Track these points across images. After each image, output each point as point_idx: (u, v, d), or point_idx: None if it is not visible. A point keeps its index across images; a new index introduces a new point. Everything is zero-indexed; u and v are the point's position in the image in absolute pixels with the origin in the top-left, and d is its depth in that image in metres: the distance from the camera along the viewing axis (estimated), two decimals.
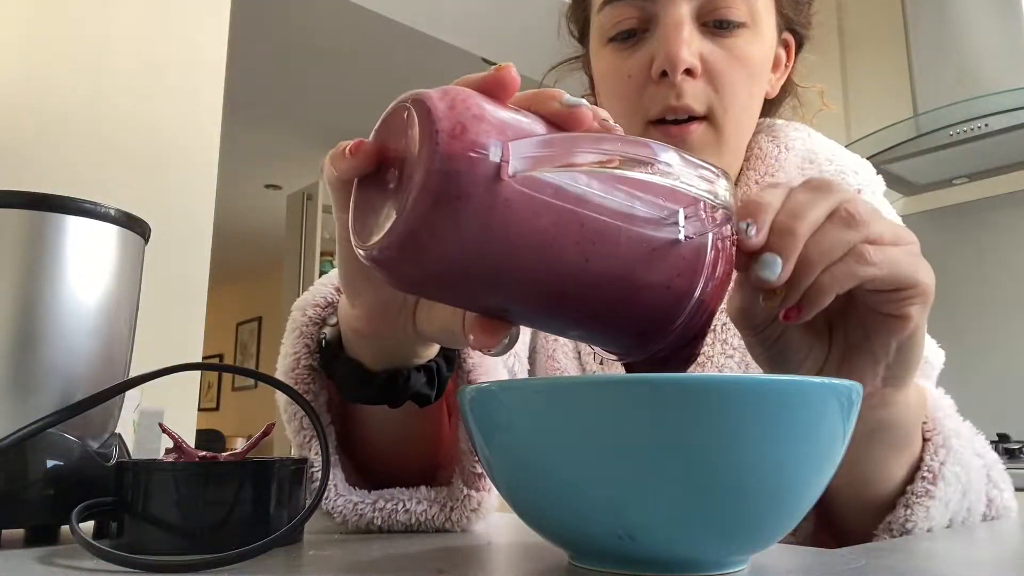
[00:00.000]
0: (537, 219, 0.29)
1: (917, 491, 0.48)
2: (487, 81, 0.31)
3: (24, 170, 1.46)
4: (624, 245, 0.31)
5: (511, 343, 0.34)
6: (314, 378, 0.50)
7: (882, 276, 0.37)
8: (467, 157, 0.28)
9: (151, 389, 0.50)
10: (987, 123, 1.92)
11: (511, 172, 0.28)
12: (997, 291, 2.13)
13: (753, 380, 0.29)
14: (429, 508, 0.49)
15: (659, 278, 0.32)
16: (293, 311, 0.51)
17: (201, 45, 1.72)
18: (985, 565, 0.40)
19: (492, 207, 0.28)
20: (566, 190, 0.29)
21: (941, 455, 0.48)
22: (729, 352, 0.65)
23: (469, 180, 0.28)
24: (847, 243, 0.37)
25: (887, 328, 0.40)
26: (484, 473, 0.49)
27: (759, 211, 0.37)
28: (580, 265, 0.30)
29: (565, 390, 0.30)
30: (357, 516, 0.49)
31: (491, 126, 0.29)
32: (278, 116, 4.11)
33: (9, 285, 0.42)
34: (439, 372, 0.47)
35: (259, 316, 6.72)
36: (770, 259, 0.36)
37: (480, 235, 0.29)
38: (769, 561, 0.36)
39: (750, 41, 0.63)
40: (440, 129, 0.28)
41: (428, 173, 0.28)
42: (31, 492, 0.40)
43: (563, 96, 0.31)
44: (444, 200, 0.28)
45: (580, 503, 0.30)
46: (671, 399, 0.28)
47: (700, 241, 0.32)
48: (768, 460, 0.29)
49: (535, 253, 0.30)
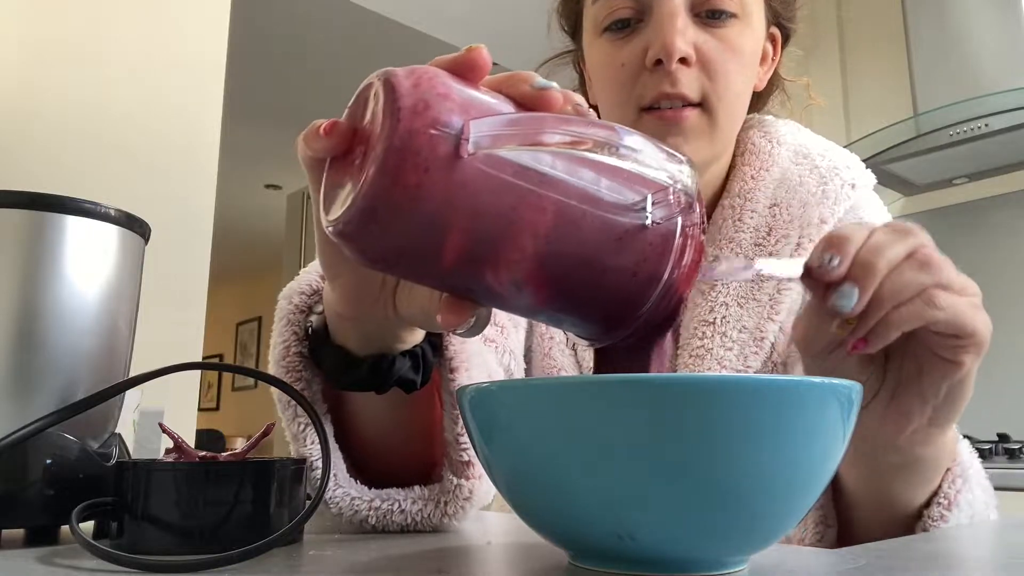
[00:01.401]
0: (497, 198, 0.29)
1: (932, 515, 0.50)
2: (458, 62, 0.31)
3: (24, 170, 1.46)
4: (587, 228, 0.31)
5: (479, 325, 0.34)
6: (305, 365, 0.50)
7: (946, 321, 0.39)
8: (427, 134, 0.28)
9: (151, 389, 0.50)
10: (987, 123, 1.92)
11: (471, 150, 0.28)
12: (997, 291, 2.13)
13: (753, 380, 0.29)
14: (424, 507, 0.49)
15: (624, 263, 0.32)
16: (280, 300, 0.52)
17: (201, 45, 1.72)
18: (985, 565, 0.40)
19: (451, 185, 0.28)
20: (528, 170, 0.29)
21: (958, 484, 0.50)
22: (728, 345, 0.65)
23: (429, 156, 0.28)
24: (920, 285, 0.39)
25: (940, 371, 0.42)
26: (471, 461, 0.50)
27: (844, 243, 0.39)
28: (541, 247, 0.30)
29: (565, 390, 0.30)
30: (352, 511, 0.49)
31: (455, 104, 0.29)
32: (278, 116, 4.11)
33: (9, 285, 0.42)
34: (424, 357, 0.48)
35: (259, 316, 6.72)
36: (849, 290, 0.38)
37: (439, 212, 0.29)
38: (769, 561, 0.36)
39: (741, 31, 0.64)
40: (402, 106, 0.28)
41: (388, 149, 0.28)
42: (31, 492, 0.40)
43: (534, 79, 0.32)
44: (403, 176, 0.28)
45: (580, 503, 0.30)
46: (671, 399, 0.28)
47: (667, 227, 0.32)
48: (768, 460, 0.29)
49: (495, 233, 0.30)
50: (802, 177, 0.70)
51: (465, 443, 0.49)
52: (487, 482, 0.50)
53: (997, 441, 1.78)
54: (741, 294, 0.67)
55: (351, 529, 0.50)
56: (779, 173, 0.71)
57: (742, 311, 0.66)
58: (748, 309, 0.66)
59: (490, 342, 0.65)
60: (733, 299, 0.67)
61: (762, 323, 0.66)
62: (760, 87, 0.72)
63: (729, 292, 0.67)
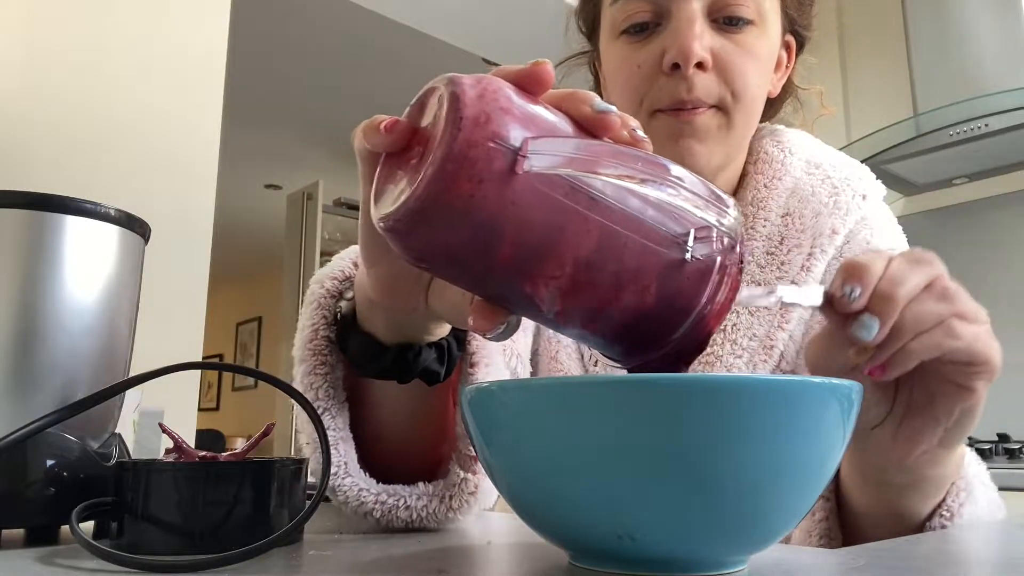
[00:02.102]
0: (545, 216, 0.30)
1: (934, 526, 0.51)
2: (522, 75, 0.32)
3: (24, 170, 1.46)
4: (629, 256, 0.31)
5: (509, 330, 0.35)
6: (331, 350, 0.50)
7: (962, 349, 0.40)
8: (486, 146, 0.28)
9: (151, 389, 0.50)
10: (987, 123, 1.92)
11: (527, 167, 0.29)
12: (997, 291, 2.13)
13: (753, 380, 0.29)
14: (429, 503, 0.49)
15: (660, 293, 0.32)
16: (311, 284, 0.52)
17: (201, 45, 1.72)
18: (985, 565, 0.40)
19: (503, 198, 0.29)
20: (579, 193, 0.30)
21: (962, 497, 0.51)
22: (738, 352, 0.66)
23: (484, 168, 0.28)
24: (939, 316, 0.40)
25: (953, 396, 0.42)
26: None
27: (864, 274, 0.39)
28: (581, 268, 0.31)
29: (565, 390, 0.30)
30: (359, 503, 0.49)
31: (516, 120, 0.29)
32: (278, 116, 4.11)
33: (9, 285, 0.42)
34: (449, 350, 0.48)
35: (259, 316, 6.71)
36: (870, 321, 0.39)
37: (488, 223, 0.29)
38: (769, 561, 0.36)
39: (758, 37, 0.65)
40: (465, 116, 0.29)
41: (446, 156, 0.29)
42: (31, 492, 0.40)
43: (594, 100, 0.32)
44: (457, 183, 0.29)
45: (580, 503, 0.30)
46: (671, 399, 0.28)
47: (707, 263, 0.33)
48: (768, 460, 0.29)
49: (538, 249, 0.30)
50: (814, 187, 0.71)
51: None
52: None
53: (997, 441, 1.78)
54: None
55: (354, 523, 0.50)
56: (792, 183, 0.71)
57: (752, 319, 0.67)
58: (758, 317, 0.67)
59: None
60: (743, 307, 0.67)
61: (772, 331, 0.66)
62: (774, 94, 0.72)
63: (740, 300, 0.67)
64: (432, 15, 2.35)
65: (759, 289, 0.39)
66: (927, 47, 2.17)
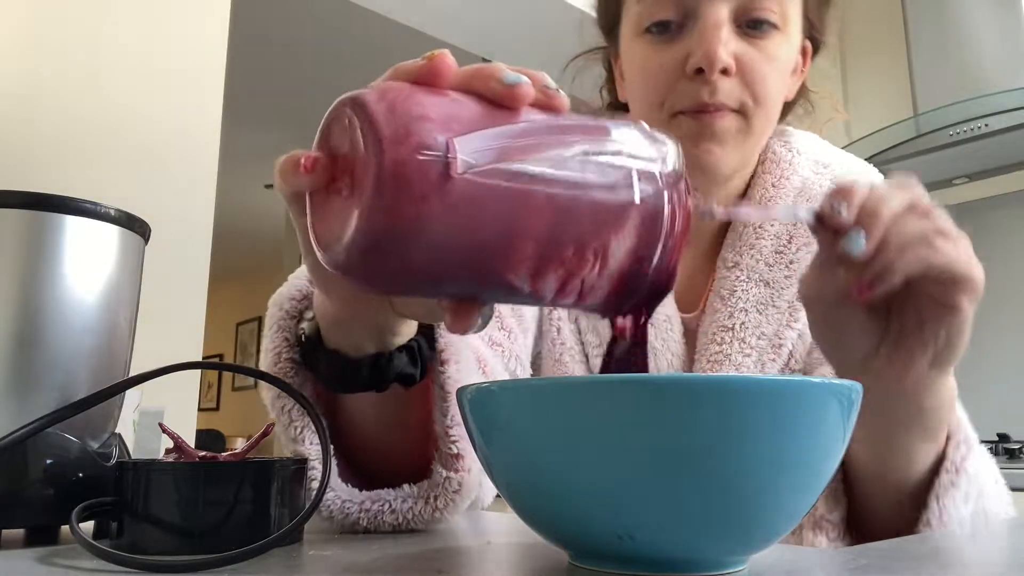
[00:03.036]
0: (494, 206, 0.29)
1: (943, 482, 0.51)
2: (421, 71, 0.31)
3: (24, 170, 1.46)
4: (584, 218, 0.31)
5: (485, 321, 0.35)
6: (297, 371, 0.50)
7: (944, 264, 0.42)
8: (415, 161, 0.27)
9: (151, 389, 0.50)
10: (987, 123, 1.92)
11: (461, 170, 0.28)
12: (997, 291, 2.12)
13: (753, 380, 0.29)
14: (415, 504, 0.49)
15: (623, 242, 0.32)
16: (270, 307, 0.52)
17: (201, 45, 1.72)
18: (984, 565, 0.40)
19: (449, 205, 0.28)
20: (519, 175, 0.29)
21: (963, 450, 0.52)
22: (746, 351, 0.66)
23: (421, 183, 0.27)
24: (922, 231, 0.42)
25: (940, 316, 0.44)
26: (460, 454, 0.49)
27: (850, 193, 0.42)
28: (544, 244, 0.30)
29: (565, 390, 0.30)
30: (343, 515, 0.49)
31: (434, 124, 0.28)
32: (278, 116, 4.11)
33: (9, 285, 0.42)
34: (420, 351, 0.48)
35: (259, 316, 6.67)
36: (856, 235, 0.41)
37: (440, 234, 0.28)
38: (769, 561, 0.36)
39: (780, 43, 0.65)
40: (383, 136, 0.27)
41: (378, 182, 0.27)
42: (31, 492, 0.40)
43: (502, 73, 0.31)
44: (400, 208, 0.27)
45: (580, 503, 0.30)
46: (671, 399, 0.28)
47: (656, 202, 0.33)
48: (768, 460, 0.29)
49: (499, 239, 0.30)
50: (822, 186, 0.72)
51: (455, 436, 0.49)
52: (476, 475, 0.51)
53: (997, 441, 1.78)
54: (760, 300, 0.68)
55: (345, 531, 0.50)
56: (799, 182, 0.72)
57: (761, 317, 0.67)
58: (767, 316, 0.67)
59: (496, 346, 0.65)
60: (752, 305, 0.68)
61: (781, 330, 0.67)
62: (790, 98, 0.73)
63: (748, 299, 0.68)
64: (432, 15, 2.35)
65: (753, 208, 0.41)
66: (927, 47, 2.17)
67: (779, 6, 0.64)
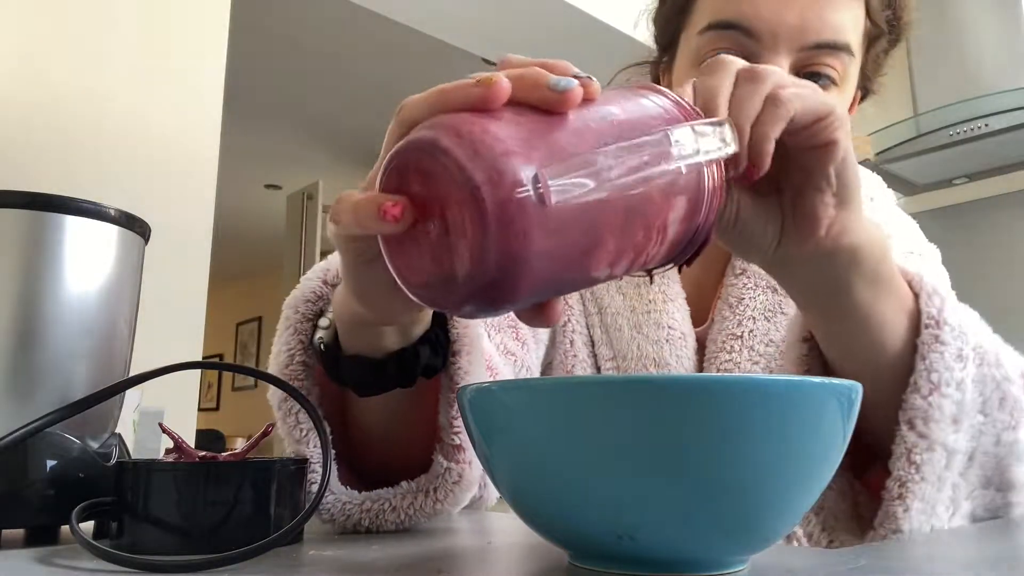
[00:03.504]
0: (583, 219, 0.30)
1: (924, 339, 0.48)
2: (479, 100, 0.30)
3: (24, 170, 1.46)
4: (650, 201, 0.33)
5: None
6: (307, 374, 0.50)
7: (801, 109, 0.41)
8: (513, 200, 0.28)
9: (151, 389, 0.51)
10: (987, 123, 1.92)
11: (555, 201, 0.29)
12: (997, 291, 2.13)
13: (753, 380, 0.29)
14: (415, 499, 0.49)
15: (679, 213, 0.35)
16: (285, 309, 0.52)
17: (201, 45, 1.72)
18: (984, 565, 0.40)
19: (548, 232, 0.29)
20: (597, 182, 0.31)
21: (936, 302, 0.48)
22: (755, 359, 0.67)
23: (522, 220, 0.28)
24: (760, 94, 0.40)
25: (822, 158, 0.43)
26: (462, 445, 0.50)
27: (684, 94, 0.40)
28: (621, 236, 0.32)
29: (565, 390, 0.30)
30: (344, 516, 0.49)
31: (518, 156, 0.29)
32: (278, 116, 4.11)
33: (9, 285, 0.42)
34: (439, 341, 0.49)
35: (259, 316, 6.71)
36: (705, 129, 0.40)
37: (544, 258, 0.30)
38: (769, 561, 0.36)
39: (835, 100, 0.64)
40: (479, 183, 0.28)
41: (484, 225, 0.28)
42: (31, 492, 0.40)
43: (547, 80, 0.31)
44: (506, 245, 0.28)
45: (580, 503, 0.30)
46: (671, 399, 0.28)
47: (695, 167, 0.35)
48: (768, 460, 0.29)
49: (588, 247, 0.31)
50: None
51: (458, 427, 0.50)
52: (477, 470, 0.51)
53: None
54: (768, 307, 0.68)
55: (347, 532, 0.50)
56: None
57: (769, 325, 0.68)
58: (775, 323, 0.68)
59: (509, 355, 0.65)
60: (760, 313, 0.68)
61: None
62: None
63: (756, 306, 0.68)
64: (432, 15, 2.35)
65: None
66: (927, 47, 2.17)
67: (841, 65, 0.63)
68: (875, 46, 0.70)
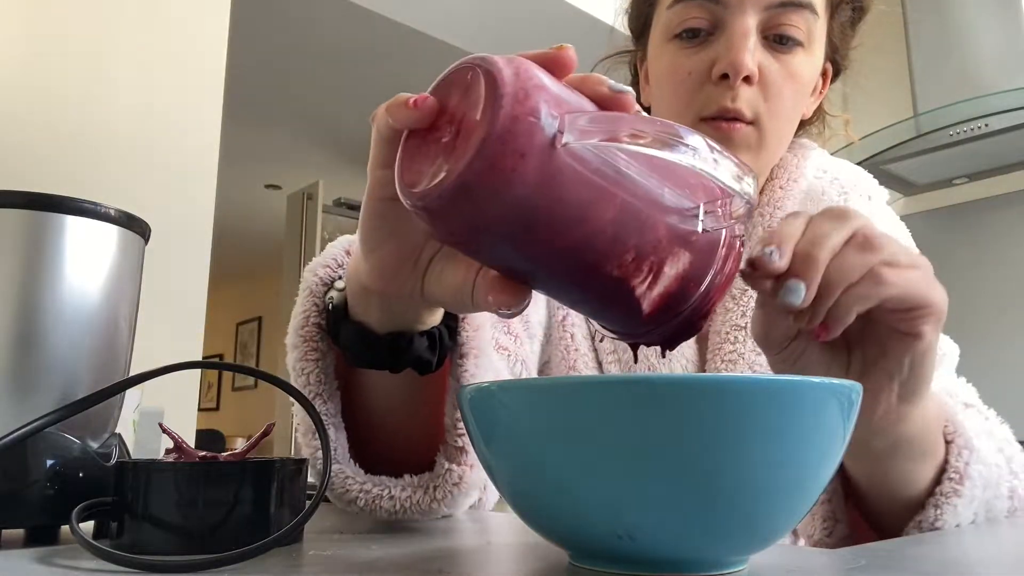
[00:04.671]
0: (580, 191, 0.30)
1: (945, 491, 0.50)
2: (549, 57, 0.32)
3: (24, 170, 1.46)
4: (648, 230, 0.32)
5: (524, 306, 0.35)
6: (322, 337, 0.50)
7: (898, 296, 0.40)
8: (528, 122, 0.29)
9: (151, 389, 0.51)
10: (987, 123, 1.92)
11: (564, 141, 0.29)
12: (997, 291, 2.13)
13: (753, 380, 0.29)
14: (413, 493, 0.50)
15: (679, 267, 0.33)
16: (305, 273, 0.53)
17: (201, 45, 1.72)
18: (987, 565, 0.40)
19: (543, 173, 0.30)
20: (606, 169, 0.31)
21: (965, 456, 0.50)
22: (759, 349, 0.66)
23: (527, 144, 0.29)
24: (865, 265, 0.40)
25: (902, 345, 0.42)
26: (465, 448, 0.50)
27: (782, 238, 0.40)
28: (606, 242, 0.32)
29: (565, 390, 0.30)
30: (344, 490, 0.49)
31: (551, 97, 0.30)
32: (278, 116, 4.11)
33: (9, 285, 0.42)
34: (441, 339, 0.48)
35: (259, 316, 6.71)
36: (794, 285, 0.39)
37: (527, 198, 0.30)
38: (769, 561, 0.36)
39: (803, 61, 0.67)
40: (505, 93, 0.29)
41: (490, 132, 0.29)
42: (31, 492, 0.40)
43: (609, 81, 0.33)
44: (500, 159, 0.29)
45: (580, 503, 0.30)
46: (671, 399, 0.28)
47: (715, 236, 0.34)
48: (768, 460, 0.29)
49: (571, 224, 0.31)
50: (824, 188, 0.74)
51: (462, 429, 0.50)
52: (479, 473, 0.51)
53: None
54: None
55: (354, 522, 0.50)
56: (806, 185, 0.74)
57: None
58: None
59: (502, 350, 0.65)
60: None
61: None
62: (807, 116, 0.75)
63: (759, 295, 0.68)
64: (432, 15, 2.35)
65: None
66: (927, 47, 2.17)
67: (805, 24, 0.66)
68: (839, 13, 0.72)
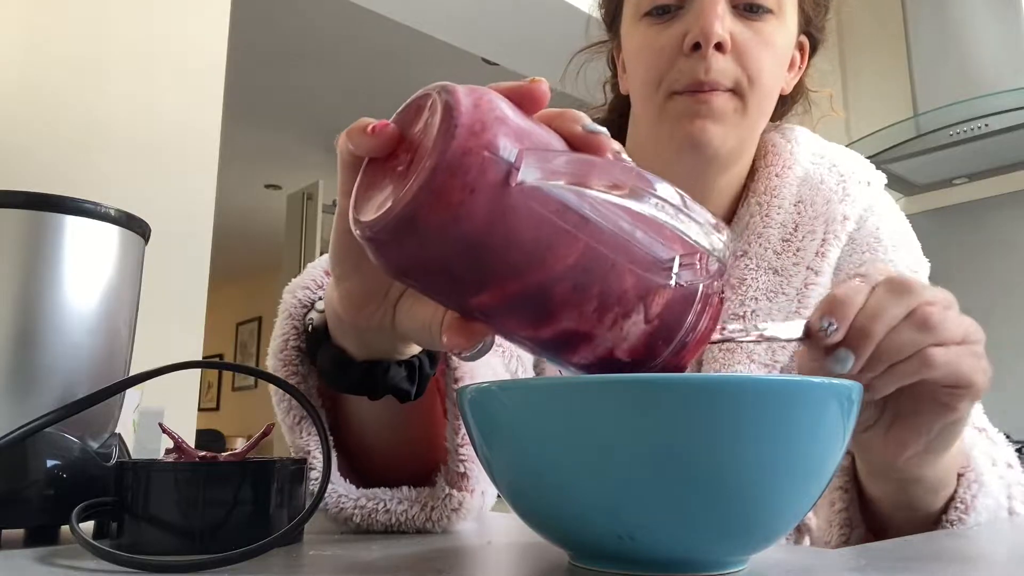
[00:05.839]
0: (535, 232, 0.29)
1: (951, 519, 0.51)
2: (519, 90, 0.31)
3: (24, 170, 1.46)
4: (613, 279, 0.31)
5: (484, 349, 0.34)
6: (301, 360, 0.50)
7: (943, 378, 0.41)
8: (480, 156, 0.28)
9: (151, 389, 0.51)
10: (987, 123, 1.92)
11: (520, 179, 0.28)
12: (997, 291, 2.13)
13: (753, 380, 0.29)
14: (410, 508, 0.49)
15: (643, 318, 0.32)
16: (284, 294, 0.52)
17: (201, 45, 1.72)
18: (987, 564, 0.40)
19: (493, 210, 0.28)
20: (569, 211, 0.29)
21: (974, 489, 0.52)
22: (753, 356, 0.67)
23: (477, 179, 0.28)
24: (916, 345, 0.40)
25: (936, 412, 0.43)
26: (467, 474, 0.49)
27: (842, 308, 0.39)
28: (567, 289, 0.30)
29: (565, 390, 0.30)
30: (338, 508, 0.49)
31: (511, 131, 0.29)
32: (278, 116, 4.11)
33: (9, 285, 0.42)
34: (420, 368, 0.47)
35: (259, 316, 6.71)
36: (844, 356, 0.39)
37: (474, 235, 0.28)
38: (769, 561, 0.36)
39: (776, 28, 0.66)
40: (460, 123, 0.28)
41: (438, 163, 0.28)
42: (31, 492, 0.40)
43: (584, 120, 0.32)
44: (448, 192, 0.28)
45: (580, 503, 0.30)
46: (671, 399, 0.28)
47: (689, 290, 0.32)
48: (768, 460, 0.29)
49: (526, 267, 0.29)
50: (823, 176, 0.73)
51: (464, 455, 0.49)
52: (479, 498, 0.50)
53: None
54: (770, 288, 0.69)
55: (337, 526, 0.50)
56: (801, 172, 0.73)
57: (771, 305, 0.68)
58: (777, 303, 0.68)
59: (496, 346, 0.65)
60: (762, 293, 0.69)
61: (790, 316, 0.68)
62: (786, 91, 0.74)
63: (758, 287, 0.69)
64: (432, 15, 2.35)
65: (739, 325, 0.39)
66: (927, 47, 2.17)
67: None
68: None
